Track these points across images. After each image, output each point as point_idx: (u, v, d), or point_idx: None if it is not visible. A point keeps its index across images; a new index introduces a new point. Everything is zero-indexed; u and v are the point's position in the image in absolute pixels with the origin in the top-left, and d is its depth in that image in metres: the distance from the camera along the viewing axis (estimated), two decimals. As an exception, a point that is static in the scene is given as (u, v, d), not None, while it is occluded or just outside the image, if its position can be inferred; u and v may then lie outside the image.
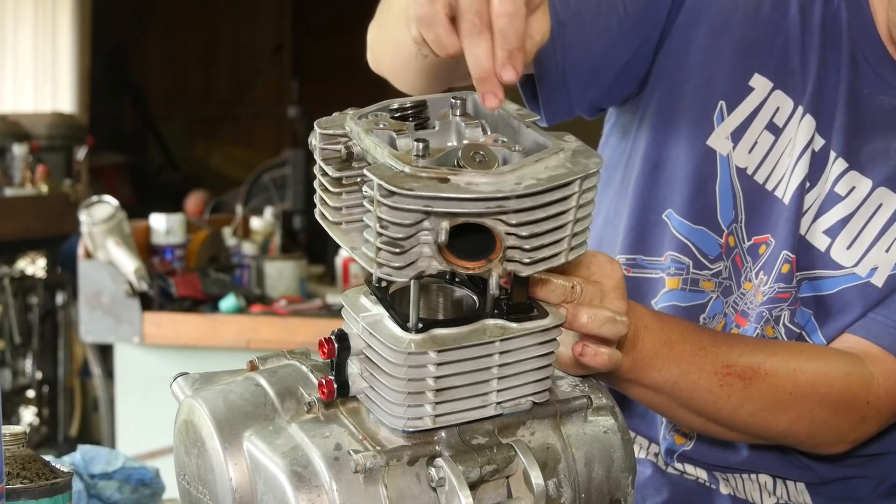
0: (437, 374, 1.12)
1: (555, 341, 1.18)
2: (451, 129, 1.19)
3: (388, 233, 1.08)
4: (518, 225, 1.09)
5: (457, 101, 1.19)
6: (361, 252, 1.12)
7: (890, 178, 1.58)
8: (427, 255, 1.10)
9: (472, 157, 1.11)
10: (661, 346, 1.39)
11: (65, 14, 7.67)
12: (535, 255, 1.11)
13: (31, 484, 1.35)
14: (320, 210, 1.20)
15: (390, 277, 1.11)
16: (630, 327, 1.28)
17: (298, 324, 4.22)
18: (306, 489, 1.10)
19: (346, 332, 1.16)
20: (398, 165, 1.08)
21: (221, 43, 10.34)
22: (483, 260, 1.10)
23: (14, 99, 7.50)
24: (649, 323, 1.39)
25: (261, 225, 5.08)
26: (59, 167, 6.22)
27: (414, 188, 1.06)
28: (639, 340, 1.37)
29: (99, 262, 4.32)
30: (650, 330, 1.38)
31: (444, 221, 1.07)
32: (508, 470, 1.16)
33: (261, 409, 1.17)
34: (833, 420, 1.51)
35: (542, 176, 1.09)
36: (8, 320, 5.54)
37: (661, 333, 1.40)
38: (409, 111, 1.19)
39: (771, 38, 1.60)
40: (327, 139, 1.19)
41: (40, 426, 5.72)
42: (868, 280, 1.57)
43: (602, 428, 1.24)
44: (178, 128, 10.01)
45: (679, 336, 1.42)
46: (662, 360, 1.39)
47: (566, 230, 1.12)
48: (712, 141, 1.60)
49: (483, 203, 1.07)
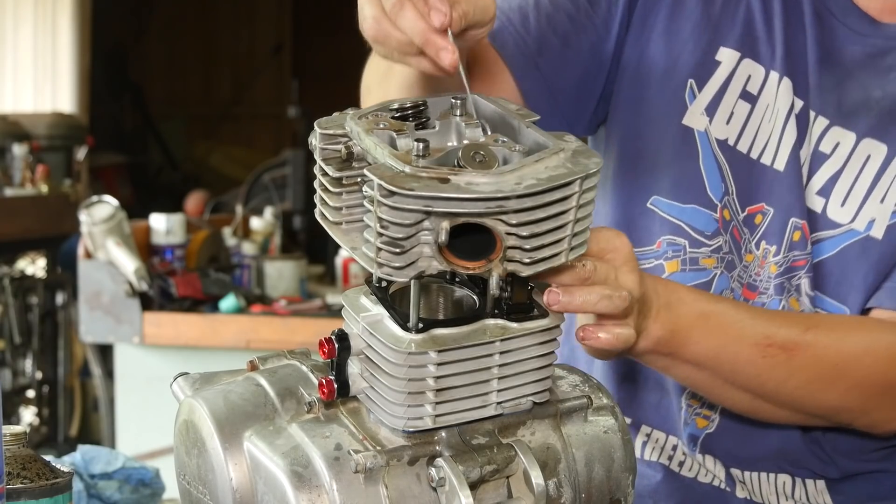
0: (437, 374, 1.12)
1: (555, 341, 1.18)
2: (451, 129, 1.19)
3: (388, 233, 1.08)
4: (518, 225, 1.09)
5: (457, 101, 1.19)
6: (362, 252, 1.12)
7: (873, 128, 1.57)
8: (427, 255, 1.10)
9: (472, 157, 1.11)
10: (697, 317, 1.37)
11: (65, 14, 7.67)
12: (535, 255, 1.11)
13: (32, 484, 1.35)
14: (320, 210, 1.20)
15: (391, 277, 1.10)
16: (628, 300, 1.24)
17: (298, 324, 4.22)
18: (307, 489, 1.10)
19: (346, 332, 1.16)
20: (398, 165, 1.08)
21: (221, 43, 10.34)
22: (483, 260, 1.10)
23: (14, 99, 7.51)
24: (683, 295, 1.38)
25: (261, 225, 5.08)
26: (59, 167, 6.22)
27: (414, 188, 1.06)
28: (673, 313, 1.35)
29: (99, 262, 4.32)
30: (684, 302, 1.37)
31: (444, 221, 1.07)
32: (509, 470, 1.16)
33: (261, 409, 1.17)
34: (886, 393, 1.47)
35: (542, 176, 1.09)
36: (8, 320, 5.54)
37: (696, 305, 1.38)
38: (410, 111, 1.19)
39: (732, 10, 1.60)
40: (327, 139, 1.19)
41: (40, 426, 5.72)
42: (867, 234, 1.55)
43: (602, 428, 1.24)
44: (177, 128, 10.01)
45: (715, 308, 1.40)
46: (700, 331, 1.37)
47: (566, 230, 1.12)
48: (688, 119, 1.60)
49: (483, 203, 1.07)
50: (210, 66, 10.35)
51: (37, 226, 5.62)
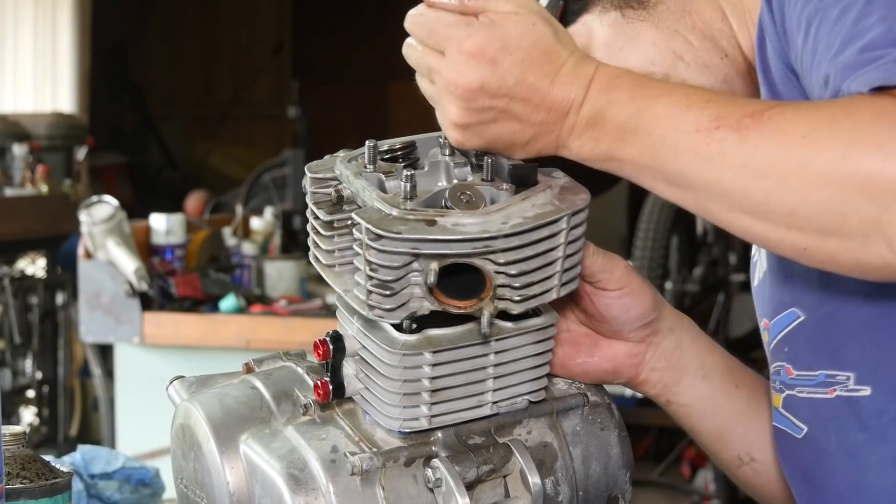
0: (432, 374, 1.12)
1: (550, 340, 1.18)
2: (440, 168, 1.19)
3: (377, 275, 1.09)
4: (506, 264, 1.10)
5: (445, 140, 1.19)
6: (353, 294, 1.13)
7: None
8: (418, 296, 1.11)
9: (458, 198, 1.12)
10: (629, 117, 1.13)
11: (65, 14, 7.67)
12: (525, 293, 1.12)
13: (31, 484, 1.35)
14: (313, 253, 1.22)
15: (382, 319, 1.11)
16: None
17: (298, 324, 4.22)
18: (303, 492, 1.11)
19: (340, 334, 1.17)
20: (386, 208, 1.10)
21: (221, 43, 10.33)
22: (474, 299, 1.11)
23: (14, 99, 7.50)
24: (614, 97, 1.14)
25: (261, 225, 5.08)
26: (59, 167, 6.23)
27: (401, 231, 1.07)
28: (605, 114, 1.14)
29: (99, 262, 4.32)
30: (616, 104, 1.14)
31: (433, 262, 1.09)
32: (505, 469, 1.17)
33: (257, 412, 1.17)
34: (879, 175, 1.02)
35: (528, 214, 1.10)
36: (8, 320, 5.55)
37: (629, 104, 1.13)
38: (399, 152, 1.20)
39: None
40: (318, 183, 1.21)
41: (40, 426, 5.72)
42: None
43: (599, 425, 1.24)
44: (177, 128, 10.00)
45: (653, 99, 1.13)
46: (631, 131, 1.12)
47: (556, 266, 1.13)
48: None
49: (470, 244, 1.08)
50: (210, 66, 10.34)
51: (37, 226, 5.62)
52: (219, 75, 10.39)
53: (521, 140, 1.16)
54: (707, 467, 5.70)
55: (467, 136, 1.16)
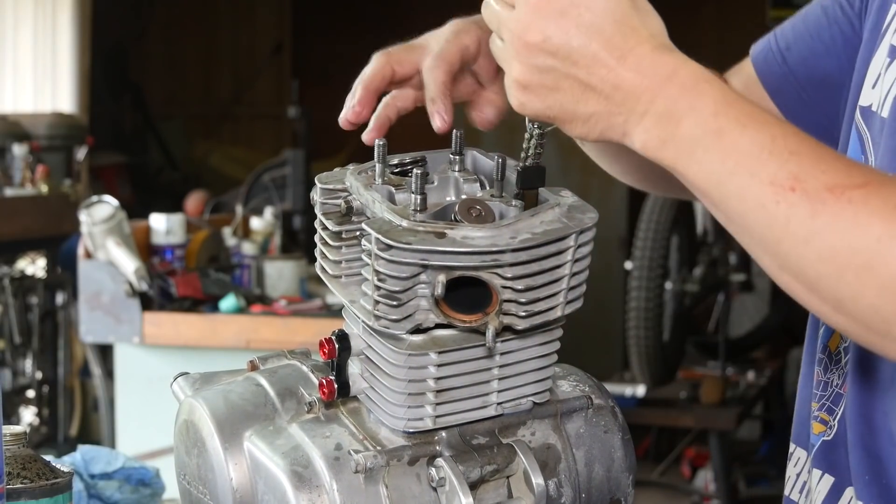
0: (437, 374, 1.12)
1: (556, 341, 1.18)
2: (449, 184, 1.20)
3: (385, 286, 1.09)
4: (514, 278, 1.10)
5: (455, 157, 1.20)
6: (360, 305, 1.13)
7: None
8: (424, 308, 1.11)
9: (468, 212, 1.13)
10: (706, 133, 1.06)
11: (65, 14, 7.67)
12: (531, 309, 1.12)
13: (32, 484, 1.35)
14: (320, 263, 1.21)
15: (388, 330, 1.11)
16: None
17: (298, 324, 4.22)
18: (307, 489, 1.11)
19: (346, 333, 1.17)
20: (396, 220, 1.10)
21: (221, 43, 10.33)
22: (480, 313, 1.11)
23: (14, 99, 7.50)
24: (700, 103, 1.06)
25: (261, 225, 5.08)
26: (59, 167, 6.23)
27: (411, 242, 1.07)
28: (672, 122, 1.07)
29: (99, 262, 4.33)
30: (696, 111, 1.06)
31: (440, 275, 1.08)
32: (509, 470, 1.17)
33: (261, 409, 1.17)
34: None
35: (537, 230, 1.10)
36: (8, 320, 5.55)
37: (712, 119, 1.06)
38: (409, 166, 1.20)
39: None
40: (328, 194, 1.21)
41: (40, 426, 5.72)
42: None
43: (602, 428, 1.24)
44: (177, 128, 10.00)
45: (738, 126, 1.05)
46: (703, 150, 1.06)
47: (562, 284, 1.13)
48: None
49: (478, 257, 1.08)
50: (210, 66, 10.34)
51: (37, 226, 5.62)
52: (219, 75, 10.39)
53: (584, 113, 1.09)
54: (707, 467, 5.71)
55: (529, 96, 1.10)
